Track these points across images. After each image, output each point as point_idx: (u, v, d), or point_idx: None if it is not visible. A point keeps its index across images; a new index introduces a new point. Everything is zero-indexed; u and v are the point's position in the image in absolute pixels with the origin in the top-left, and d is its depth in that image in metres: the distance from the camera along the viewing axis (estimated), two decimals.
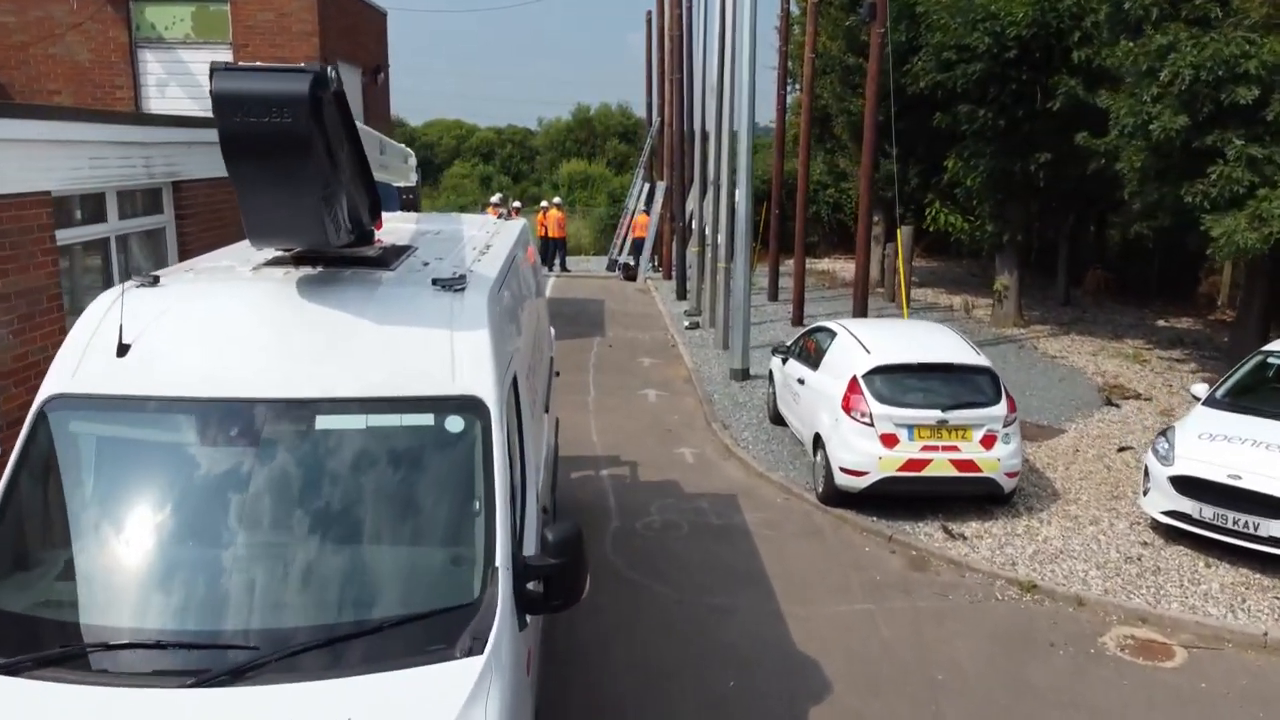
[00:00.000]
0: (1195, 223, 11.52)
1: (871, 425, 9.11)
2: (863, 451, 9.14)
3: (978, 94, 16.38)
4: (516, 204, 30.18)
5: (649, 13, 29.89)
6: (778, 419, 12.17)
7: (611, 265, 28.98)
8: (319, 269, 5.04)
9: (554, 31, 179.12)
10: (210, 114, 3.99)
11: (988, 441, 9.13)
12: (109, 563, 3.95)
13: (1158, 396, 13.98)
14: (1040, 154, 16.23)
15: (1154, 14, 11.69)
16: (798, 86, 26.84)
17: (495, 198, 27.32)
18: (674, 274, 25.86)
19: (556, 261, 28.36)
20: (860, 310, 15.41)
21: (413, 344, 4.37)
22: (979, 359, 9.57)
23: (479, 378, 4.32)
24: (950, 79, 16.57)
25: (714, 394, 13.98)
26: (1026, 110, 15.96)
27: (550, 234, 28.37)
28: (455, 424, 4.23)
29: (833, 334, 10.60)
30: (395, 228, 6.88)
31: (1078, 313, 21.25)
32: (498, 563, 3.99)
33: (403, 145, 7.80)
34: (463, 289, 4.73)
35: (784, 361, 11.75)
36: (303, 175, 4.08)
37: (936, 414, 9.06)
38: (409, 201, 8.34)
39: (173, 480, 4.11)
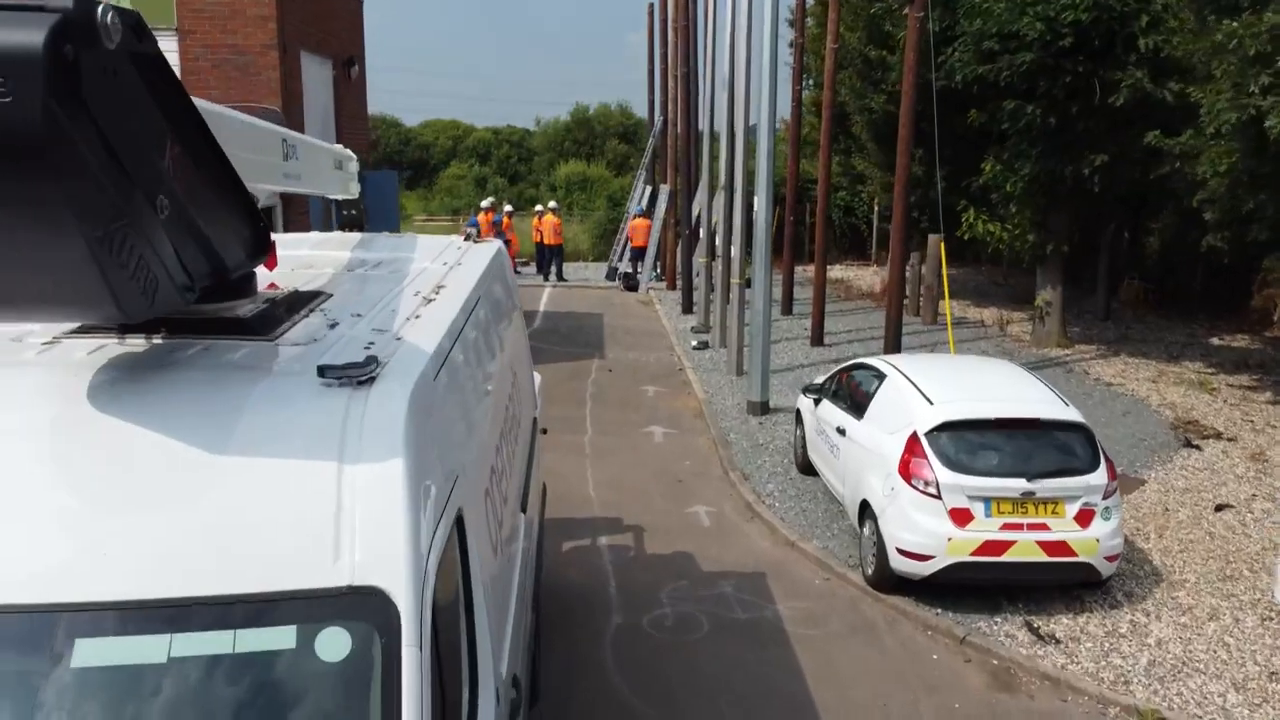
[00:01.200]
0: None
1: (938, 497, 7.25)
2: (927, 530, 7.28)
3: (1024, 88, 14.54)
4: (509, 208, 28.38)
5: (651, 3, 28.08)
6: (807, 468, 10.32)
7: (611, 274, 27.13)
8: (154, 340, 3.20)
9: (553, 30, 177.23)
10: None
11: (1084, 518, 7.28)
12: None
13: (1241, 435, 12.12)
14: (1095, 155, 14.36)
15: None
16: (812, 82, 25.08)
17: (485, 202, 25.58)
18: (678, 283, 24.04)
19: (552, 270, 26.53)
20: (894, 335, 13.55)
21: (268, 491, 2.53)
22: (1070, 412, 7.71)
23: (383, 552, 2.48)
24: (991, 71, 14.72)
25: (730, 432, 12.12)
26: (1082, 106, 14.09)
27: (546, 241, 26.54)
28: (334, 644, 2.38)
29: (879, 375, 8.74)
30: (314, 259, 5.04)
31: (1121, 330, 19.41)
32: None
33: (337, 146, 5.96)
34: (371, 379, 2.90)
35: (816, 403, 9.90)
36: (52, 201, 2.23)
37: (1021, 484, 7.21)
38: (352, 219, 6.48)
39: None
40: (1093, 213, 17.42)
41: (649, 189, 28.60)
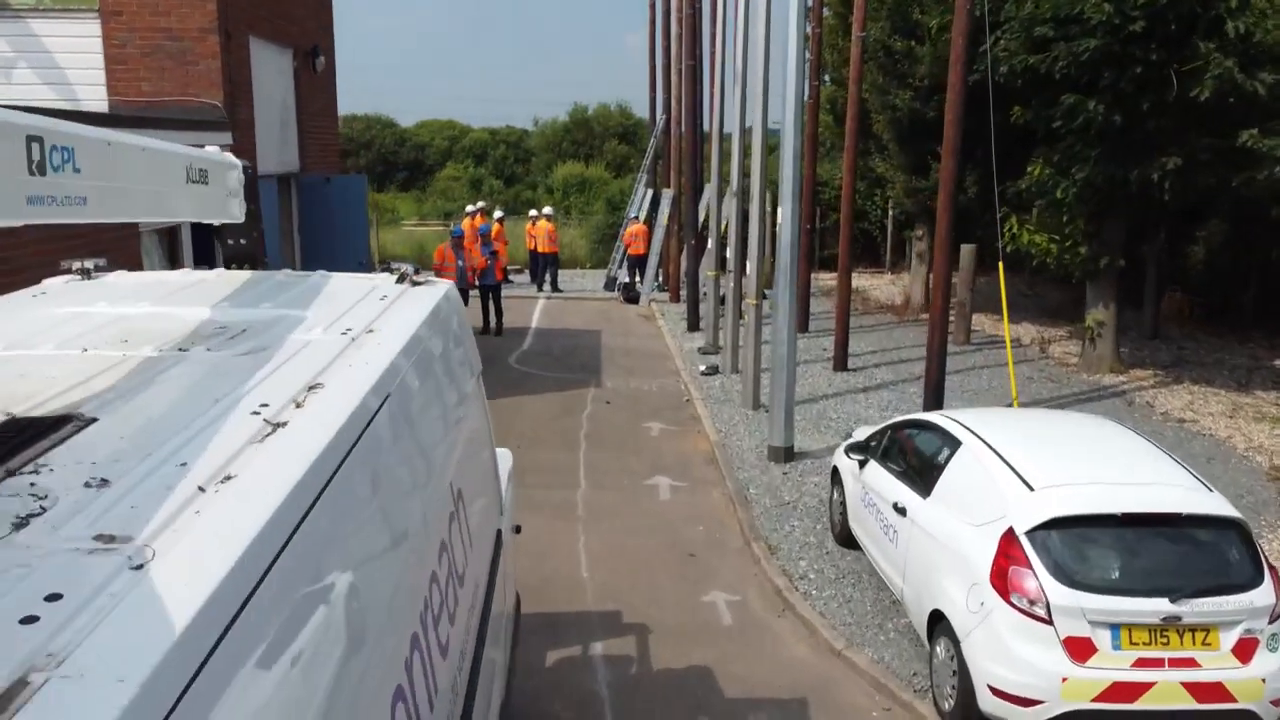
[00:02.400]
0: None
1: (1048, 621, 5.38)
2: (1033, 666, 5.40)
3: (1084, 80, 12.67)
4: (499, 214, 26.57)
5: None
6: (848, 540, 8.45)
7: (610, 284, 25.27)
8: None
9: (551, 28, 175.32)
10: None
11: (1244, 650, 5.40)
12: None
13: None
14: (1167, 158, 12.47)
15: None
16: (828, 77, 23.23)
17: (470, 207, 23.87)
18: (681, 294, 22.20)
19: (546, 281, 24.65)
20: (937, 369, 11.65)
21: None
22: (1218, 502, 5.82)
23: None
24: (1044, 62, 12.87)
25: (749, 485, 10.24)
26: (1153, 101, 12.22)
27: (540, 248, 24.70)
28: None
29: (949, 439, 6.85)
30: (137, 325, 3.19)
31: (1174, 350, 17.56)
32: None
33: (210, 149, 4.11)
34: None
35: (860, 464, 8.02)
36: None
37: (1162, 605, 5.34)
38: (240, 252, 4.61)
39: None
40: (1147, 221, 15.56)
41: (649, 193, 26.77)
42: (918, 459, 7.20)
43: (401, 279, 4.32)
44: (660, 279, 24.66)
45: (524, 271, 26.97)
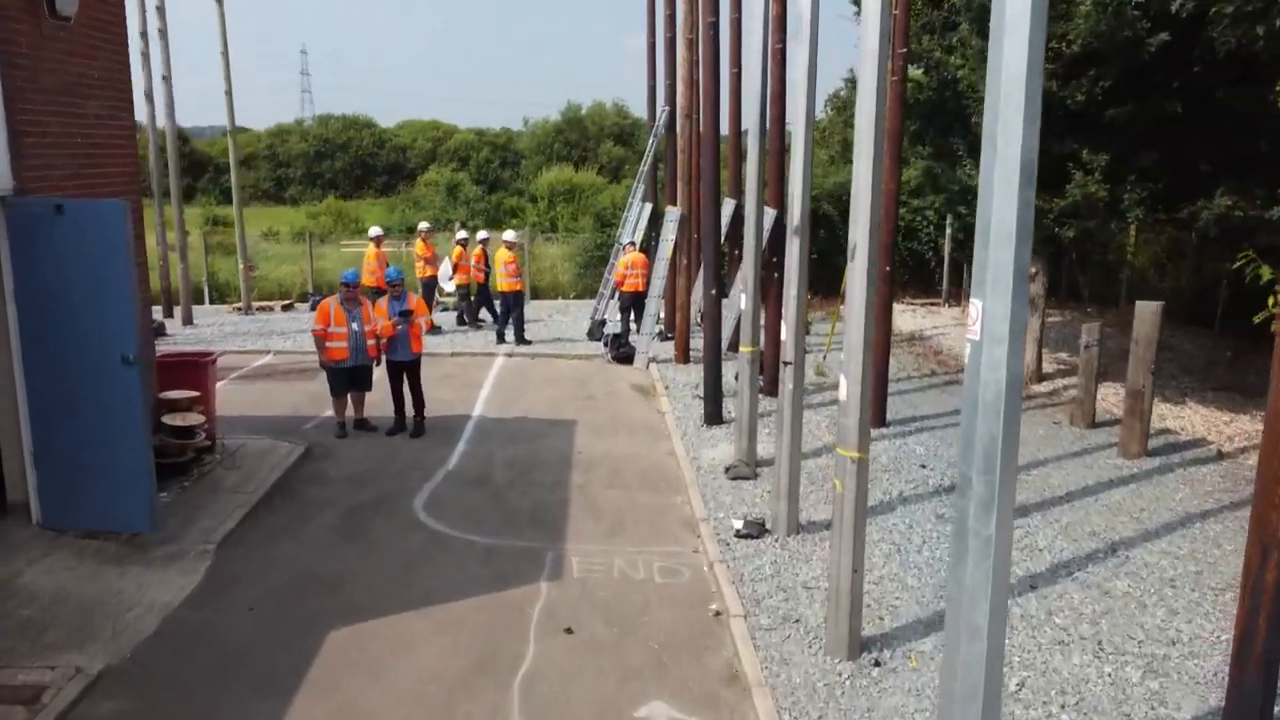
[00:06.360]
0: None
1: None
2: None
3: None
4: (483, 235, 20.43)
5: None
6: None
7: (595, 331, 18.93)
8: None
9: (550, 29, 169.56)
10: None
11: None
12: None
13: None
14: None
15: None
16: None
17: (374, 230, 18.05)
18: (691, 351, 15.97)
19: (509, 331, 18.26)
20: (1271, 620, 5.33)
21: None
22: None
23: None
24: None
25: None
26: None
27: (499, 285, 18.34)
28: None
29: None
30: None
31: None
32: None
33: None
34: None
35: None
36: None
37: None
38: None
39: None
40: None
41: (648, 208, 20.46)
42: None
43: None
44: (662, 324, 18.36)
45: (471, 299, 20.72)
